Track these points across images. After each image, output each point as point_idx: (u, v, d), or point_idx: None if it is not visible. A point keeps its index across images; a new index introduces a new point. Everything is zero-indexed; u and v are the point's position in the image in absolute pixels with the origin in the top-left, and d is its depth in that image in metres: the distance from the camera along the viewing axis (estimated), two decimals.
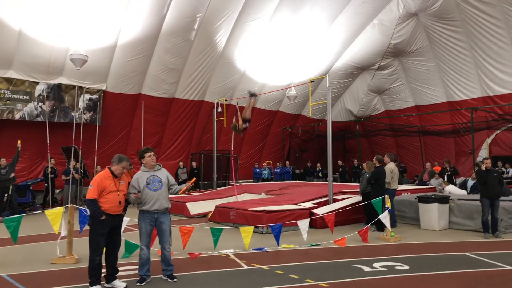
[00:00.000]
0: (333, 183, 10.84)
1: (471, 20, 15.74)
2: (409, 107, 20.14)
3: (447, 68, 17.81)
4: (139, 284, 5.21)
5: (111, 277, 5.17)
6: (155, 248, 5.85)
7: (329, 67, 19.05)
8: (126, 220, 5.87)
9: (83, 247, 6.00)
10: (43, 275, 5.78)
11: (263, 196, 12.51)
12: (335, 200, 10.34)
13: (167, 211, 5.52)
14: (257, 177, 18.83)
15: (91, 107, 14.53)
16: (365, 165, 9.99)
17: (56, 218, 6.44)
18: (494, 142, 17.17)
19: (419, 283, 5.32)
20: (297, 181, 17.07)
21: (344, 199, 10.49)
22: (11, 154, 11.93)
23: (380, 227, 8.69)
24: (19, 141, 11.76)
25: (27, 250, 7.37)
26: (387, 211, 8.06)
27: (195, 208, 11.63)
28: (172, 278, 5.38)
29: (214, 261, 6.43)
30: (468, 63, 16.98)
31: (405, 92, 20.20)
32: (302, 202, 10.19)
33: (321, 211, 9.32)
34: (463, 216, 9.22)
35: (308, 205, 9.94)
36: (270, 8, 15.40)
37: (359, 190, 10.08)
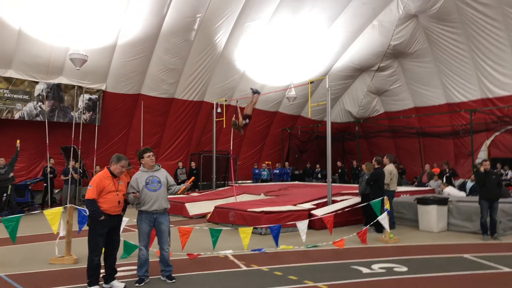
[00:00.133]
0: (332, 184, 10.83)
1: (470, 22, 15.75)
2: (409, 109, 20.15)
3: (446, 69, 17.83)
4: (137, 284, 5.21)
5: (109, 278, 5.17)
6: (154, 248, 5.86)
7: (329, 68, 19.06)
8: (125, 220, 5.87)
9: (81, 247, 6.00)
10: (41, 275, 5.78)
11: (262, 197, 12.52)
12: (334, 201, 10.35)
13: (166, 212, 5.53)
14: (256, 178, 18.83)
15: (91, 107, 14.53)
16: (364, 167, 9.99)
17: (55, 218, 6.44)
18: (493, 144, 17.18)
19: (418, 285, 5.33)
20: (296, 182, 17.06)
21: (343, 200, 10.49)
22: (10, 153, 11.94)
23: (379, 228, 8.70)
24: (18, 141, 11.76)
25: (26, 250, 7.36)
26: (386, 213, 8.06)
27: (194, 208, 11.62)
28: (170, 278, 5.38)
29: (212, 262, 6.43)
30: (467, 65, 16.99)
31: (404, 93, 20.21)
32: (301, 203, 10.20)
33: (320, 212, 9.31)
34: (462, 218, 9.23)
35: (307, 206, 9.94)
36: (270, 9, 15.42)
37: (358, 191, 10.09)
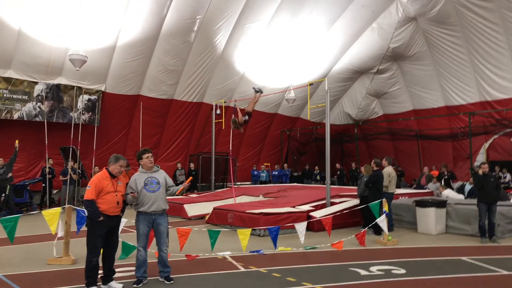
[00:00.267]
0: (331, 186, 10.85)
1: (469, 25, 15.79)
2: (407, 111, 20.16)
3: (445, 72, 17.85)
4: (135, 285, 5.20)
5: (107, 279, 5.17)
6: (152, 249, 5.85)
7: (328, 71, 19.08)
8: (123, 221, 5.87)
9: (80, 248, 6.00)
10: (39, 276, 5.77)
11: (261, 198, 12.51)
12: (333, 203, 10.36)
13: (165, 213, 5.54)
14: (255, 180, 18.83)
15: (90, 107, 14.53)
16: (363, 169, 9.99)
17: (53, 218, 6.45)
18: (491, 147, 17.20)
19: (416, 287, 5.33)
20: (295, 184, 17.08)
21: (341, 202, 10.50)
22: (9, 154, 11.93)
23: (377, 230, 8.70)
24: (17, 141, 11.75)
25: (24, 250, 7.35)
26: (385, 215, 8.07)
27: (192, 210, 11.61)
28: (169, 280, 5.37)
29: (211, 263, 6.43)
30: (466, 68, 17.02)
31: (403, 96, 20.22)
32: (299, 205, 10.20)
33: (318, 214, 9.32)
34: (460, 220, 9.24)
35: (305, 208, 9.94)
36: (269, 11, 15.44)
37: (356, 193, 10.09)
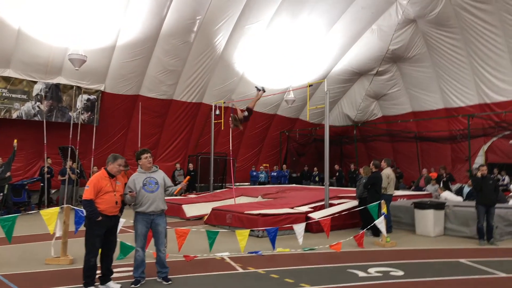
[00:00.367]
0: (330, 187, 10.84)
1: (469, 27, 15.82)
2: (407, 113, 20.18)
3: (444, 74, 17.88)
4: (133, 286, 5.19)
5: (105, 279, 5.16)
6: (150, 250, 5.84)
7: (327, 72, 19.09)
8: (122, 221, 5.85)
9: (78, 248, 5.99)
10: (37, 276, 5.76)
11: (259, 199, 12.51)
12: (331, 204, 10.35)
13: (163, 213, 5.53)
14: (254, 180, 18.83)
15: (89, 107, 14.51)
16: (362, 170, 9.99)
17: (51, 218, 6.42)
18: (490, 149, 17.23)
19: None
20: (294, 185, 17.07)
21: (340, 203, 10.50)
22: (7, 153, 11.90)
23: (375, 232, 8.70)
24: (15, 140, 11.72)
25: (22, 250, 7.33)
26: (383, 217, 8.07)
27: (191, 210, 11.60)
28: (167, 280, 5.37)
29: (209, 264, 6.42)
30: (465, 70, 17.05)
31: (402, 97, 20.25)
32: (298, 206, 10.19)
33: (317, 216, 9.32)
34: (458, 222, 9.24)
35: (304, 209, 9.93)
36: (269, 12, 15.46)
37: (355, 195, 10.09)
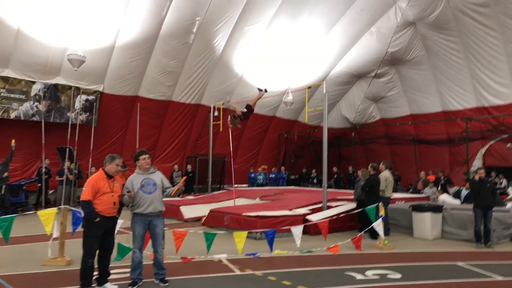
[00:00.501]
0: (328, 189, 10.85)
1: (468, 30, 15.86)
2: (405, 116, 20.20)
3: (443, 77, 17.91)
4: (130, 287, 5.18)
5: (102, 280, 5.15)
6: (148, 251, 5.83)
7: (326, 74, 19.10)
8: (119, 222, 5.84)
9: (75, 249, 5.97)
10: (34, 277, 5.74)
11: (257, 201, 12.51)
12: (329, 206, 10.36)
13: (161, 215, 5.52)
14: (252, 182, 18.81)
15: (87, 108, 14.49)
16: (360, 173, 10.01)
17: (48, 219, 6.38)
18: (488, 152, 17.26)
19: None
20: (292, 187, 17.07)
21: (338, 206, 10.50)
22: (5, 153, 11.85)
23: (373, 235, 8.70)
24: (13, 141, 11.68)
25: (19, 250, 7.31)
26: (381, 219, 8.08)
27: (189, 212, 11.58)
28: (164, 282, 5.36)
29: (206, 266, 6.41)
30: (464, 73, 17.08)
31: (401, 100, 20.27)
32: (296, 208, 10.19)
33: (315, 218, 9.32)
34: (456, 225, 9.26)
35: (302, 211, 9.93)
36: (269, 14, 15.47)
37: (353, 197, 10.09)
